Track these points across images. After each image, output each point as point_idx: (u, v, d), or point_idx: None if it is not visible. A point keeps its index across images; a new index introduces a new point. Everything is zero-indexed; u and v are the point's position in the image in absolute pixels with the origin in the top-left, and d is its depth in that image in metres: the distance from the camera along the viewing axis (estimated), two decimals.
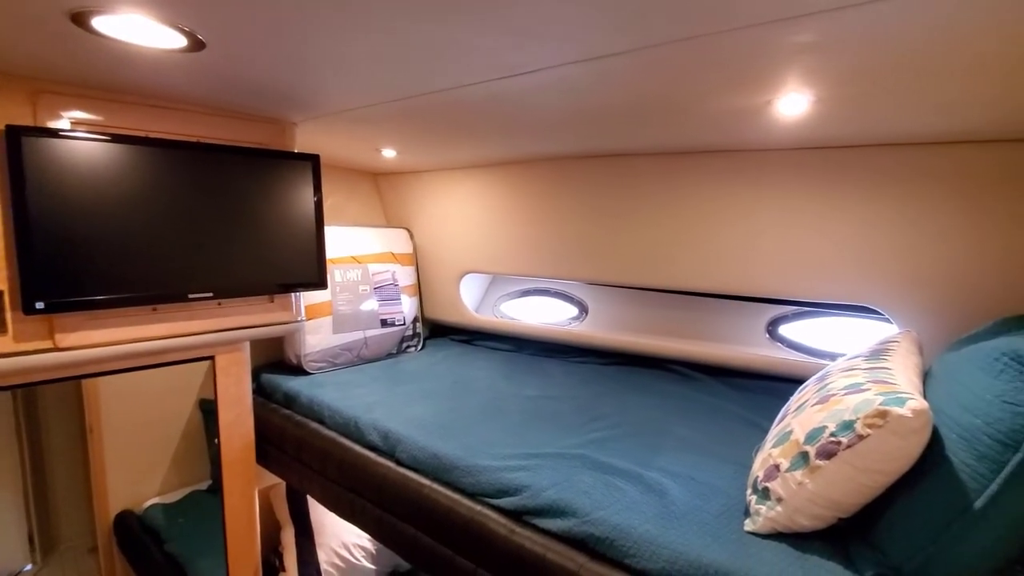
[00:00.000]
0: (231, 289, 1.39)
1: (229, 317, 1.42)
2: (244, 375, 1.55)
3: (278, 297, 1.52)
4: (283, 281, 1.49)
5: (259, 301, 1.48)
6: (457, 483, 1.31)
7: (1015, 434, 0.79)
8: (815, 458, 0.95)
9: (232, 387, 1.52)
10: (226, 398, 1.51)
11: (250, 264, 1.42)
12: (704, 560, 0.93)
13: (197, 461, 3.09)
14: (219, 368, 1.48)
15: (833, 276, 1.56)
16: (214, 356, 1.47)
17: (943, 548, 0.83)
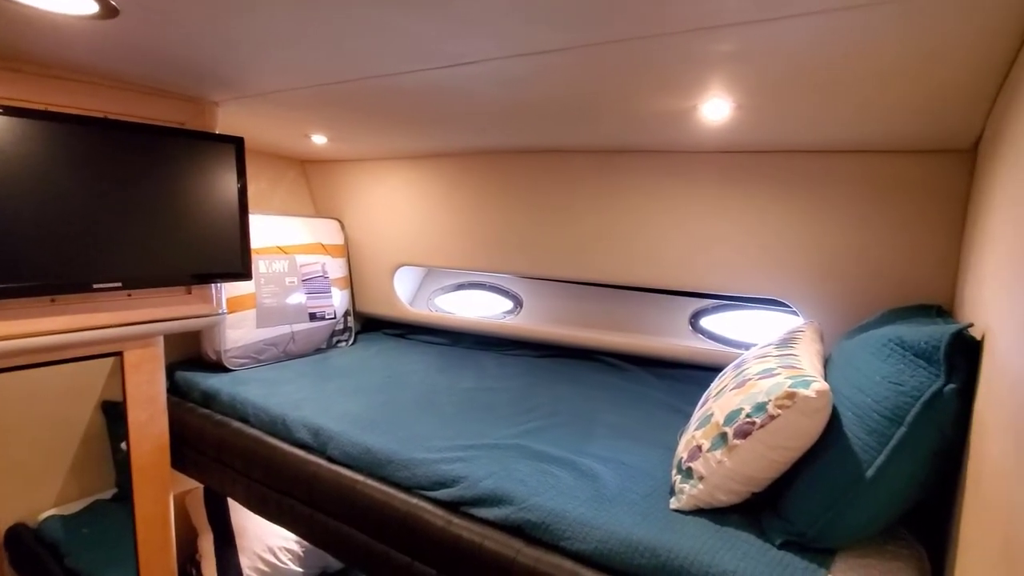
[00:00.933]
0: (143, 279, 1.29)
1: (140, 309, 1.31)
2: (157, 372, 1.44)
3: (196, 288, 1.42)
4: (202, 271, 1.39)
5: (175, 292, 1.38)
6: (392, 477, 1.30)
7: (899, 410, 0.89)
8: (733, 438, 1.02)
9: (144, 385, 1.41)
10: (137, 397, 1.40)
11: (165, 252, 1.32)
12: (633, 538, 0.98)
13: (100, 468, 2.83)
14: (128, 365, 1.37)
15: (749, 272, 1.68)
16: (122, 352, 1.35)
17: (840, 513, 0.93)
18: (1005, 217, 0.87)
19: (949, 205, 1.35)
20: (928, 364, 0.89)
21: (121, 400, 2.81)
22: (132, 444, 1.42)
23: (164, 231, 1.32)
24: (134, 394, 1.39)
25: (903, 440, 0.88)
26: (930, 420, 0.86)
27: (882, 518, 0.93)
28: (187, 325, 1.42)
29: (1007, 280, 0.79)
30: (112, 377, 2.82)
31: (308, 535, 1.41)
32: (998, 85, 0.98)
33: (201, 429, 1.69)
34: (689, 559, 0.92)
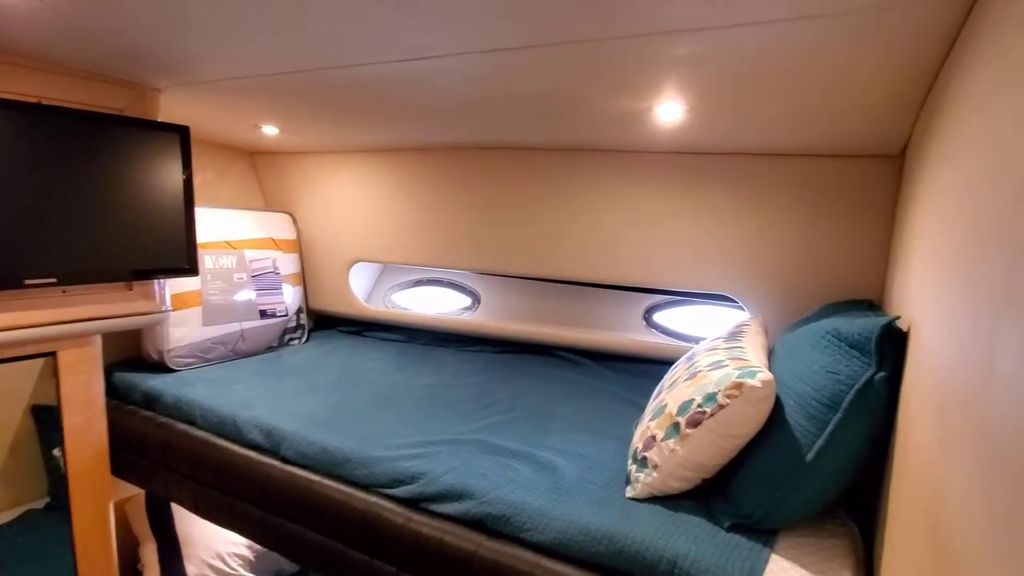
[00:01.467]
0: (79, 274, 1.21)
1: (77, 307, 1.23)
2: (95, 374, 1.36)
3: (138, 285, 1.35)
4: (144, 266, 1.32)
5: (114, 288, 1.30)
6: (349, 476, 1.28)
7: (836, 397, 0.96)
8: (685, 427, 1.07)
9: (80, 388, 1.32)
10: (73, 401, 1.32)
11: (104, 246, 1.25)
12: (591, 526, 1.01)
13: (30, 477, 2.64)
14: (63, 366, 1.28)
15: (700, 269, 1.75)
16: (56, 352, 1.27)
17: (783, 496, 0.99)
18: (928, 218, 0.95)
19: (881, 207, 1.46)
20: (861, 354, 0.96)
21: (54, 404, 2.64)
22: (68, 450, 1.33)
23: (103, 224, 1.25)
24: (70, 397, 1.31)
25: (839, 425, 0.94)
26: (863, 406, 0.93)
27: (821, 499, 1.00)
28: (128, 323, 1.34)
29: (930, 276, 0.86)
30: (43, 380, 2.64)
31: (262, 538, 1.37)
32: (924, 95, 1.06)
33: (143, 433, 1.61)
34: (645, 544, 0.96)
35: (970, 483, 0.51)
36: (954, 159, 0.78)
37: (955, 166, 0.77)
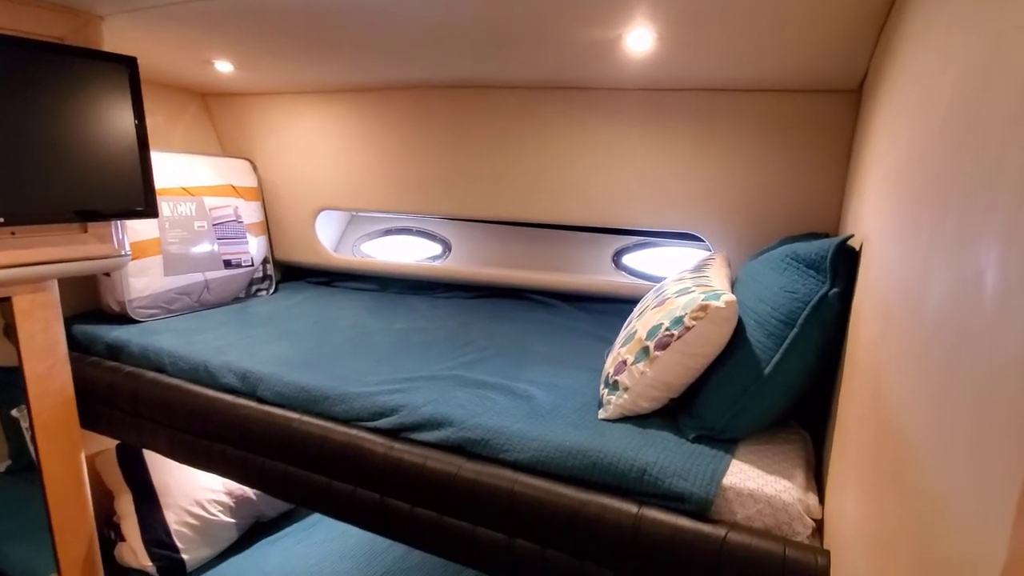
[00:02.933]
0: (28, 214, 1.15)
1: (28, 249, 1.17)
2: (53, 320, 1.31)
3: (93, 227, 1.29)
4: (99, 207, 1.26)
5: (68, 231, 1.24)
6: (329, 412, 1.29)
7: (792, 314, 1.02)
8: (654, 350, 1.12)
9: (39, 335, 1.28)
10: (32, 348, 1.27)
11: (53, 185, 1.18)
12: (566, 444, 1.07)
13: None
14: (19, 312, 1.23)
15: (666, 208, 1.79)
16: (11, 298, 1.21)
17: (742, 408, 1.06)
18: (881, 145, 1.00)
19: (839, 141, 1.51)
20: (817, 273, 1.02)
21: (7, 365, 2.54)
22: (32, 400, 1.30)
23: (50, 161, 1.18)
24: (28, 345, 1.26)
25: (795, 340, 1.01)
26: (817, 321, 0.99)
27: (777, 409, 1.08)
28: (85, 267, 1.29)
29: (879, 196, 0.91)
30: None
31: (243, 478, 1.39)
32: (879, 29, 1.09)
33: (110, 383, 1.57)
34: (616, 456, 1.02)
35: (905, 362, 0.57)
36: (904, 90, 0.82)
37: (905, 95, 0.81)
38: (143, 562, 1.81)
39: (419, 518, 1.15)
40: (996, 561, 0.31)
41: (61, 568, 1.39)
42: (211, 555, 1.94)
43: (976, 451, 0.36)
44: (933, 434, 0.46)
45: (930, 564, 0.41)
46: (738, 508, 0.95)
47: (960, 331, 0.42)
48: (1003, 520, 0.30)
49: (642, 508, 0.97)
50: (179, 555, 1.84)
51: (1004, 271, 0.35)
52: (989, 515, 0.32)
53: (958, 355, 0.42)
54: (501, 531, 1.07)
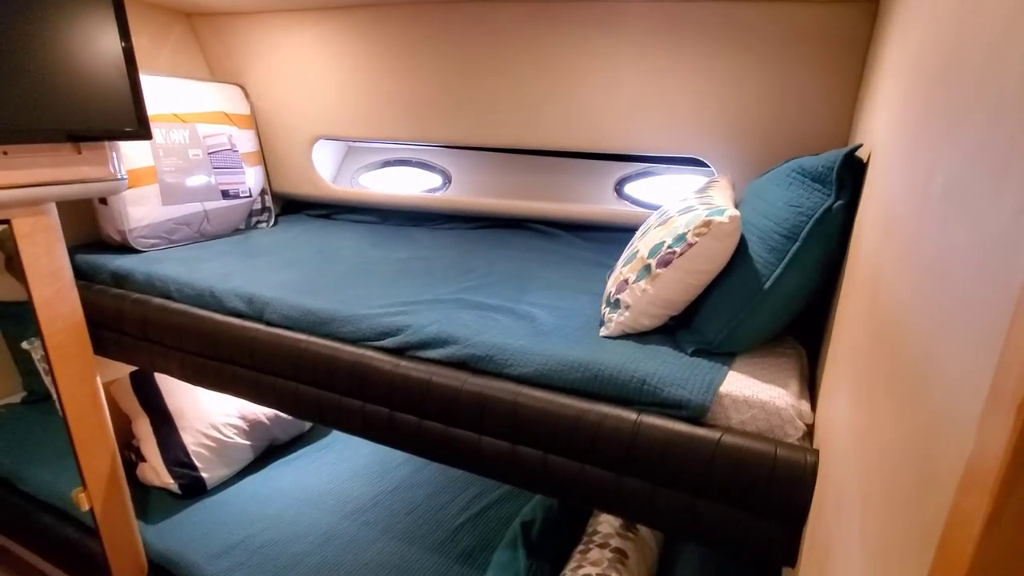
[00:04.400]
0: (18, 132, 1.12)
1: (22, 170, 1.16)
2: (55, 243, 1.31)
3: (87, 148, 1.26)
4: (91, 127, 1.23)
5: (62, 151, 1.22)
6: (336, 334, 1.32)
7: (795, 228, 1.02)
8: (656, 268, 1.13)
9: (42, 258, 1.28)
10: (37, 272, 1.28)
11: (42, 105, 1.14)
12: (568, 358, 1.10)
13: (1, 373, 2.64)
14: (20, 236, 1.23)
15: (671, 131, 1.74)
16: (11, 221, 1.21)
17: (741, 322, 1.08)
18: (895, 57, 0.96)
19: (852, 57, 1.45)
20: (823, 186, 1.01)
21: (13, 300, 2.57)
22: (43, 324, 1.32)
23: (36, 82, 1.13)
24: (33, 268, 1.27)
25: (796, 254, 1.01)
26: (820, 234, 1.00)
27: (775, 324, 1.10)
28: (80, 191, 1.28)
29: (889, 109, 0.88)
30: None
31: (256, 397, 1.44)
32: None
33: (118, 310, 1.60)
34: (617, 368, 1.05)
35: (904, 264, 0.58)
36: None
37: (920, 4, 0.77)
38: (165, 480, 1.91)
39: (427, 431, 1.20)
40: (966, 448, 0.32)
41: (87, 483, 1.47)
42: (229, 474, 2.04)
43: (968, 344, 0.37)
44: (927, 330, 0.47)
45: (915, 454, 0.44)
46: (733, 414, 0.99)
47: (955, 223, 0.42)
48: (979, 401, 0.32)
49: (641, 415, 1.01)
50: (198, 473, 1.94)
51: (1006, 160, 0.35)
52: (972, 404, 0.34)
53: (951, 243, 0.43)
54: (505, 440, 1.12)
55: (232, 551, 1.68)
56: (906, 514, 0.43)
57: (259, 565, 1.64)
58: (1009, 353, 0.30)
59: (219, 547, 1.70)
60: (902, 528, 0.43)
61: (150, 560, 1.71)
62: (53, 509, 1.92)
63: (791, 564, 0.95)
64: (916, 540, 0.40)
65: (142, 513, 1.84)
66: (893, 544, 0.45)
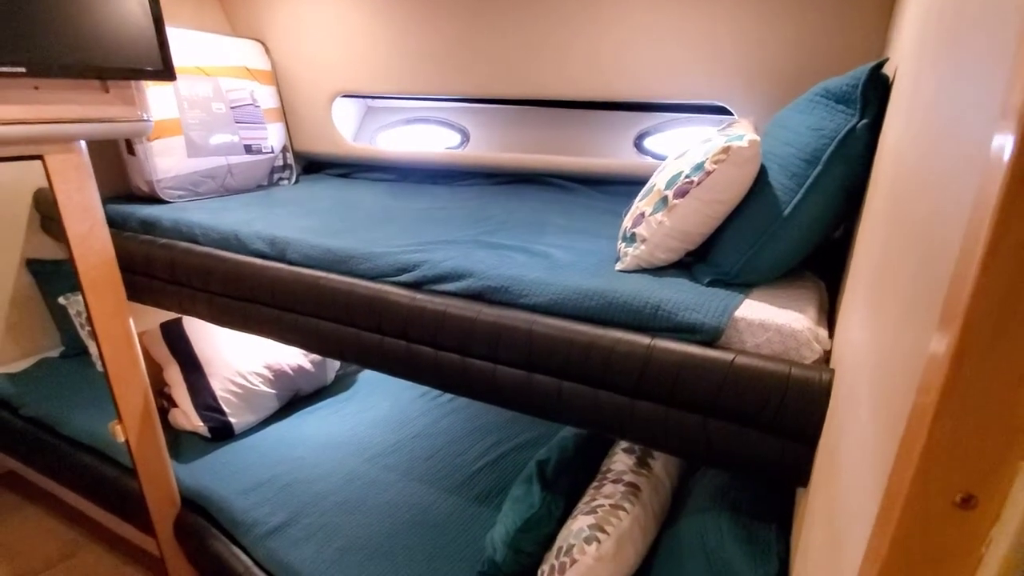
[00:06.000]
0: (49, 66, 1.16)
1: (52, 105, 1.20)
2: (86, 181, 1.36)
3: (115, 87, 1.30)
4: (118, 65, 1.26)
5: (89, 88, 1.25)
6: (354, 271, 1.35)
7: (817, 152, 1.00)
8: (672, 199, 1.12)
9: (75, 194, 1.33)
10: (71, 209, 1.33)
11: (70, 40, 1.17)
12: (584, 287, 1.10)
13: (41, 329, 2.77)
14: (53, 172, 1.28)
15: (690, 75, 1.70)
16: (43, 157, 1.25)
17: (759, 250, 1.07)
18: None
19: None
20: (847, 107, 0.98)
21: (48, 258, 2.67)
22: (78, 260, 1.38)
23: (64, 16, 1.16)
24: (67, 205, 1.32)
25: (817, 178, 0.99)
26: (843, 156, 0.97)
27: (795, 253, 1.08)
28: (109, 130, 1.31)
29: (916, 28, 0.85)
30: (32, 232, 2.64)
31: (278, 335, 1.48)
32: None
33: (147, 254, 1.65)
34: (631, 295, 1.06)
35: (913, 177, 0.56)
36: None
37: None
38: (195, 423, 1.99)
39: (443, 362, 1.23)
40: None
41: (122, 416, 1.54)
42: (255, 421, 2.11)
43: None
44: (940, 244, 0.45)
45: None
46: (748, 337, 0.98)
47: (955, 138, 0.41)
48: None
49: (654, 339, 1.01)
50: (226, 418, 2.01)
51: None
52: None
53: (956, 153, 0.41)
54: (520, 368, 1.14)
55: (259, 488, 1.75)
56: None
57: (285, 501, 1.70)
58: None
59: (247, 484, 1.77)
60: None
61: (182, 495, 1.79)
62: (93, 450, 2.02)
63: (804, 484, 0.96)
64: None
65: (175, 455, 1.92)
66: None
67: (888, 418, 0.50)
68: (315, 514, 1.65)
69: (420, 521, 1.63)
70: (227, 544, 1.62)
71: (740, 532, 1.04)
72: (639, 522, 1.23)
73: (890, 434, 0.47)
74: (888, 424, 0.49)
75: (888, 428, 0.49)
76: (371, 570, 1.45)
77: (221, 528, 1.67)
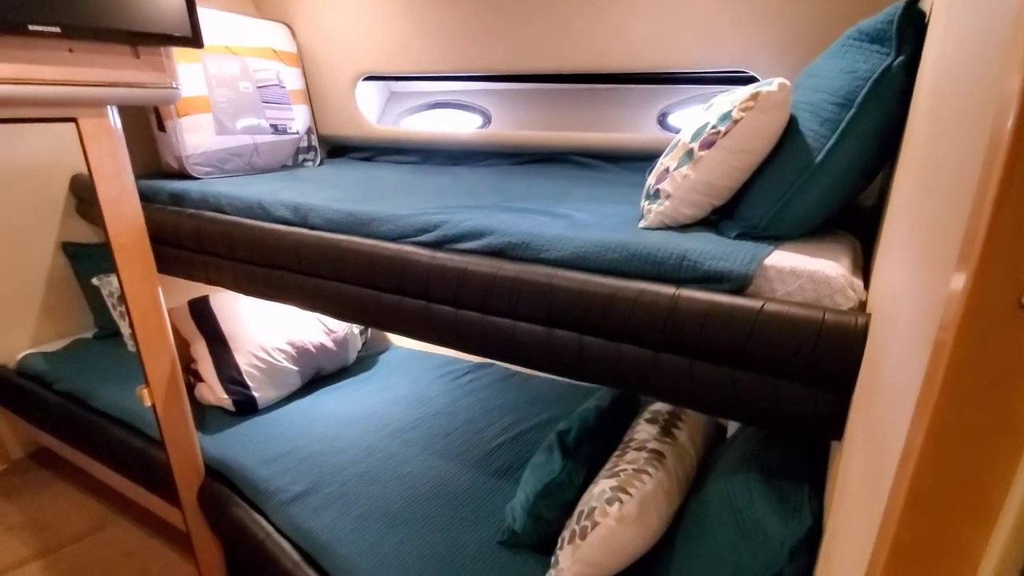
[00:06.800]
0: (82, 28, 1.19)
1: (85, 68, 1.23)
2: (118, 147, 1.39)
3: (144, 53, 1.33)
4: (147, 30, 1.29)
5: (121, 53, 1.29)
6: (376, 232, 1.35)
7: (851, 95, 0.96)
8: (698, 151, 1.09)
9: (107, 159, 1.36)
10: (102, 173, 1.36)
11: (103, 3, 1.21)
12: (606, 240, 1.08)
13: (75, 311, 2.85)
14: (86, 135, 1.31)
15: (715, 42, 1.67)
16: (77, 120, 1.29)
17: (789, 201, 1.03)
18: None
19: None
20: (881, 46, 0.94)
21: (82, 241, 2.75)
22: (108, 224, 1.41)
23: None
24: (99, 169, 1.35)
25: (851, 121, 0.95)
26: (878, 97, 0.93)
27: (827, 203, 1.03)
28: (139, 95, 1.34)
29: None
30: (68, 216, 2.73)
31: (300, 301, 1.49)
32: None
33: (176, 225, 1.69)
34: (656, 247, 1.03)
35: (948, 119, 0.52)
36: None
37: None
38: (220, 396, 2.02)
39: (463, 320, 1.21)
40: None
41: (149, 381, 1.57)
42: (278, 396, 2.14)
43: None
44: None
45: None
46: (778, 285, 0.95)
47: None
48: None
49: (679, 289, 0.98)
50: (250, 392, 2.04)
51: None
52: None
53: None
54: (540, 324, 1.12)
55: (280, 459, 1.77)
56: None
57: (306, 471, 1.71)
58: None
59: (269, 455, 1.78)
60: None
61: (206, 465, 1.82)
62: (122, 423, 2.07)
63: (838, 437, 0.91)
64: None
65: (200, 428, 1.95)
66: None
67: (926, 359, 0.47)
68: (335, 484, 1.65)
69: (439, 492, 1.62)
70: (248, 511, 1.64)
71: (770, 492, 1.00)
72: (663, 486, 1.19)
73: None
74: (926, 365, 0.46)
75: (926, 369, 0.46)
76: (390, 537, 1.44)
77: (243, 496, 1.69)
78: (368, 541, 1.43)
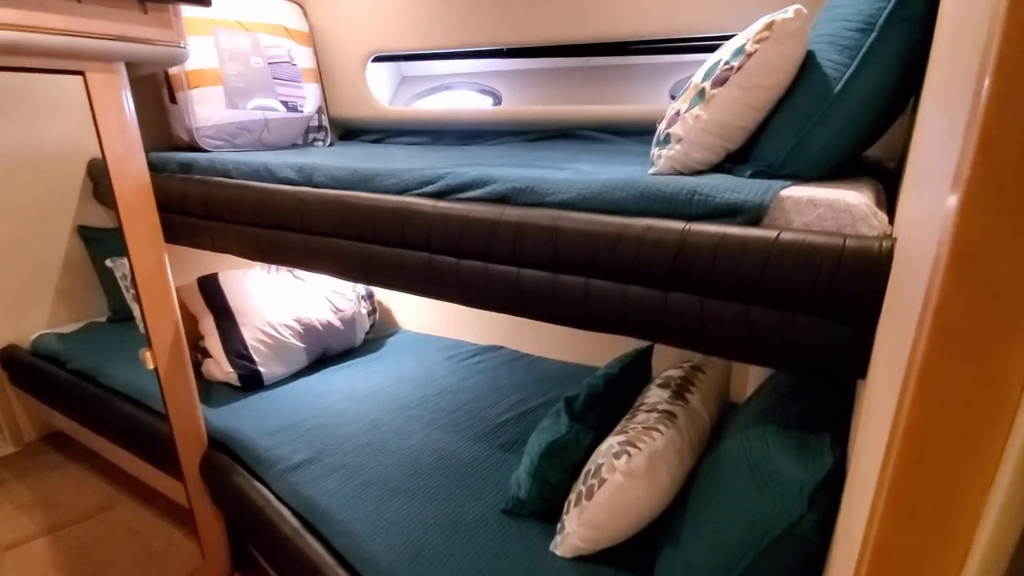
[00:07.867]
0: None
1: (94, 19, 1.23)
2: (125, 104, 1.39)
3: (152, 9, 1.33)
4: None
5: (129, 8, 1.29)
6: (379, 187, 1.33)
7: (872, 18, 0.91)
8: (710, 89, 1.05)
9: (113, 115, 1.36)
10: (109, 128, 1.36)
11: None
12: (613, 180, 1.04)
13: (89, 295, 2.88)
14: (93, 89, 1.31)
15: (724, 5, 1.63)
16: (84, 73, 1.29)
17: (806, 136, 0.98)
18: None
19: None
20: None
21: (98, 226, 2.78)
22: (115, 182, 1.41)
23: None
24: (105, 125, 1.35)
25: (872, 46, 0.90)
26: (901, 19, 0.88)
27: (847, 139, 0.98)
28: (147, 52, 1.34)
29: None
30: (84, 201, 2.77)
31: (304, 261, 1.47)
32: None
33: (183, 191, 1.68)
34: (665, 182, 0.99)
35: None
36: None
37: None
38: (226, 370, 2.01)
39: (465, 271, 1.18)
40: None
41: (152, 344, 1.55)
42: (284, 373, 2.11)
43: None
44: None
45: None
46: (795, 216, 0.89)
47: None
48: None
49: (690, 224, 0.93)
50: (256, 367, 2.02)
51: None
52: None
53: None
54: (545, 270, 1.08)
55: (284, 430, 1.74)
56: None
57: (308, 442, 1.68)
58: None
59: (272, 427, 1.76)
60: None
61: (209, 436, 1.80)
62: (129, 398, 2.06)
63: (861, 375, 0.85)
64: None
65: (205, 401, 1.94)
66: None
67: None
68: (338, 454, 1.62)
69: (443, 464, 1.57)
70: (249, 479, 1.61)
71: (789, 442, 0.93)
72: (673, 444, 1.13)
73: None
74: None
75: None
76: (392, 505, 1.40)
77: (244, 466, 1.66)
78: (368, 508, 1.39)
